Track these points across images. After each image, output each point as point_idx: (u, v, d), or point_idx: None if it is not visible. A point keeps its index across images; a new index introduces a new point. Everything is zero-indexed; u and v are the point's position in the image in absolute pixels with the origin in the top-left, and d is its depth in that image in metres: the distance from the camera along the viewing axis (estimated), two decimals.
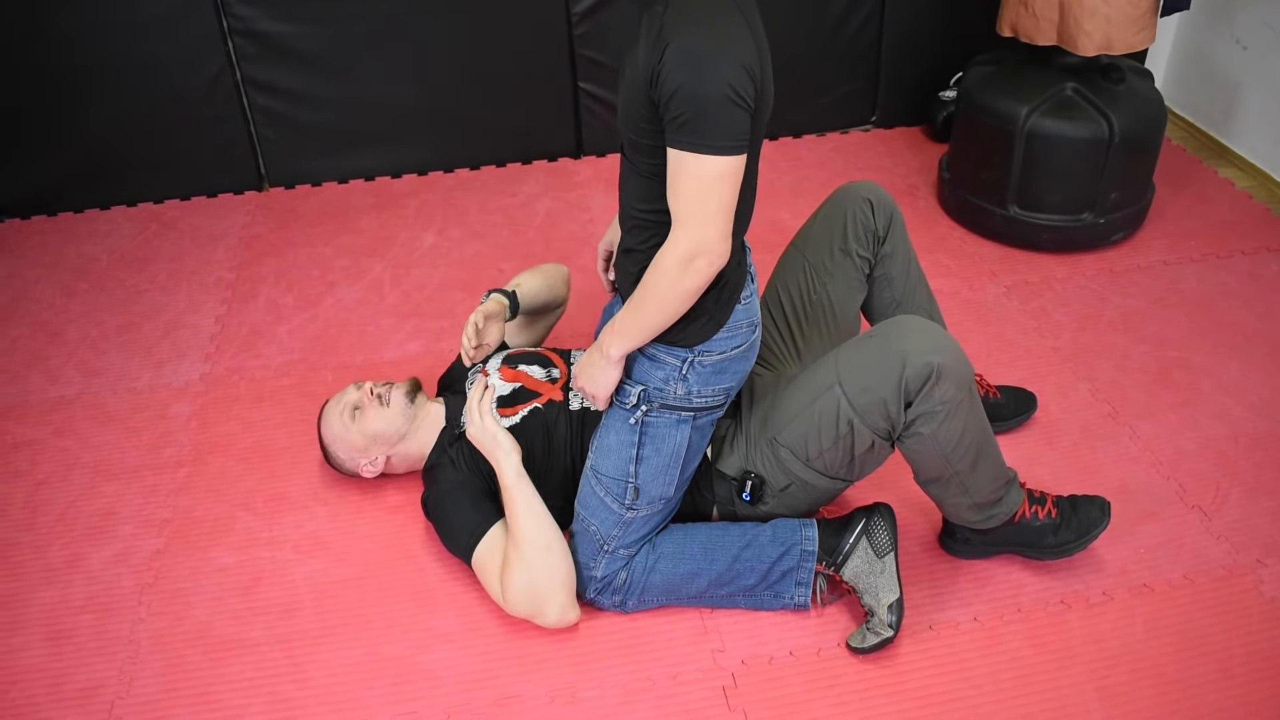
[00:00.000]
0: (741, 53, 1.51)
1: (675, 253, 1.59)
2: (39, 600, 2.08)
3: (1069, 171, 2.86)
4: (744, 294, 1.82)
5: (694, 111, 1.49)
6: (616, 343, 1.76)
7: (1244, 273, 2.90)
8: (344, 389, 2.24)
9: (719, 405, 1.89)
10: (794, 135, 3.69)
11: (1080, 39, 2.75)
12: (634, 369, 1.85)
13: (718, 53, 1.49)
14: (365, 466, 2.19)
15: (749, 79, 1.51)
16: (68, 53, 3.14)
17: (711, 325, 1.78)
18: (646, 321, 1.70)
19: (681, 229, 1.58)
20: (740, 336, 1.83)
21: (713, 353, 1.81)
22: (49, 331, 2.85)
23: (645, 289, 1.67)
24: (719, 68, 1.48)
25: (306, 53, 3.26)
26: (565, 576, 1.90)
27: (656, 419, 1.85)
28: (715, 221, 1.56)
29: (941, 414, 1.77)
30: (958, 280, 2.90)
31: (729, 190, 1.56)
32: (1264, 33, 3.26)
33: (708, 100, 1.49)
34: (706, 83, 1.48)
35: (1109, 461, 2.30)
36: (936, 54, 3.59)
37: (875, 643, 1.86)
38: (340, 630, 1.99)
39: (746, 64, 1.50)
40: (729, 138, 1.52)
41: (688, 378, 1.81)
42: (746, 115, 1.53)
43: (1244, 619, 1.95)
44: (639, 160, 1.66)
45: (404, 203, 3.38)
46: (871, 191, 2.10)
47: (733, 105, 1.50)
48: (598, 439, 1.94)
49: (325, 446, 2.22)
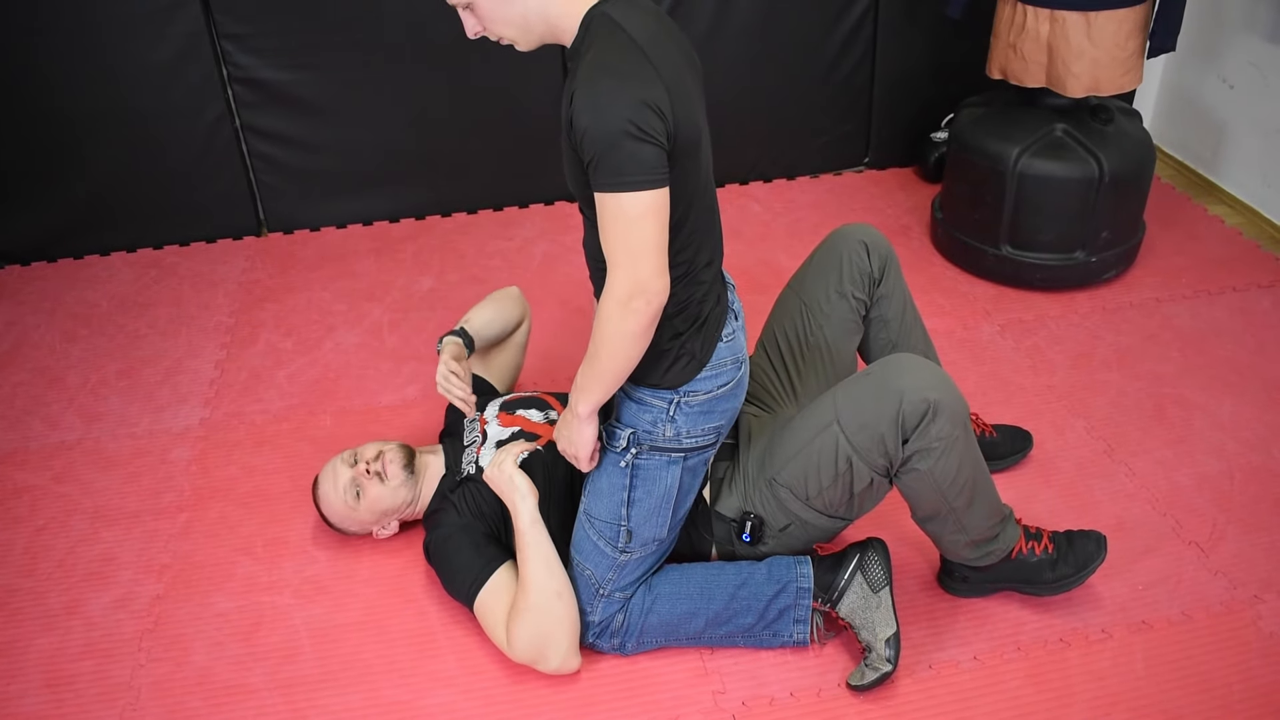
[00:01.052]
0: (642, 90, 1.51)
1: (614, 295, 1.59)
2: (38, 647, 2.08)
3: (1060, 211, 2.89)
4: (725, 331, 1.83)
5: (601, 151, 1.51)
6: (582, 399, 1.75)
7: (1235, 309, 2.92)
8: (331, 463, 2.19)
9: (710, 445, 1.89)
10: (788, 177, 3.72)
11: (1069, 81, 2.80)
12: (622, 413, 1.86)
13: (616, 92, 1.50)
14: (378, 531, 2.22)
15: (654, 114, 1.51)
16: (68, 98, 3.18)
17: (694, 365, 1.79)
18: (603, 370, 1.69)
19: (616, 270, 1.57)
20: (726, 374, 1.84)
21: (699, 393, 1.82)
22: (49, 377, 2.86)
23: (595, 339, 1.67)
24: (618, 107, 1.49)
25: (305, 99, 3.30)
26: (572, 624, 1.90)
27: (647, 461, 1.86)
28: (646, 258, 1.55)
29: (938, 450, 1.79)
30: (952, 319, 2.92)
31: (654, 225, 1.55)
32: (1250, 72, 3.31)
33: (611, 139, 1.50)
34: (608, 122, 1.49)
35: (1105, 498, 2.31)
36: (928, 96, 3.63)
37: (874, 678, 1.86)
38: (340, 675, 1.99)
39: (649, 100, 1.51)
40: (641, 172, 1.51)
41: (675, 419, 1.82)
42: (656, 149, 1.52)
43: (1243, 655, 1.95)
44: (588, 213, 1.68)
45: (402, 247, 3.41)
46: (866, 234, 2.13)
47: (639, 141, 1.50)
48: (590, 483, 1.94)
49: (333, 524, 2.21)
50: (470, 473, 2.09)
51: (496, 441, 2.10)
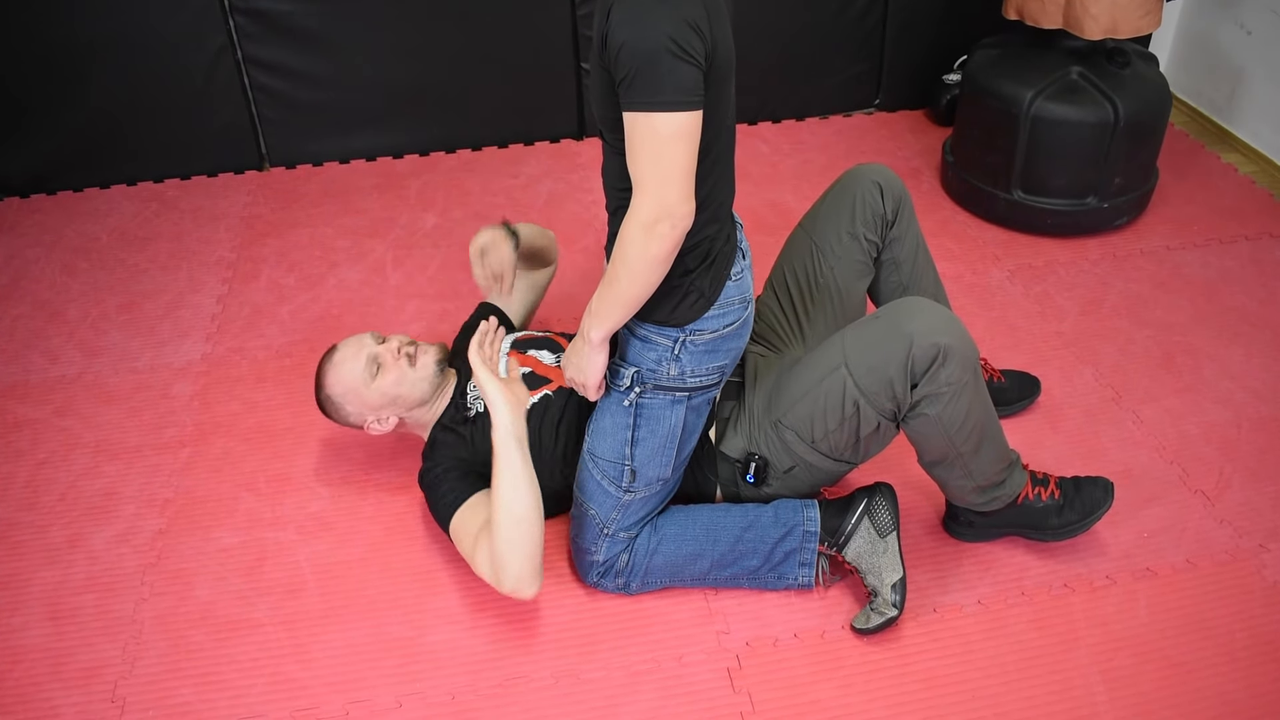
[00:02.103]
0: (685, 8, 1.47)
1: (638, 218, 1.55)
2: (41, 580, 2.08)
3: (1073, 156, 2.85)
4: (734, 270, 1.80)
5: (638, 68, 1.47)
6: (595, 324, 1.72)
7: (1246, 258, 2.89)
8: (358, 335, 2.12)
9: (714, 384, 1.88)
10: (797, 118, 3.67)
11: (1086, 22, 2.74)
12: (627, 351, 1.84)
13: (658, 8, 1.47)
14: (373, 424, 2.10)
15: (694, 33, 1.48)
16: (68, 30, 3.12)
17: (702, 303, 1.77)
18: (621, 295, 1.66)
19: (642, 193, 1.54)
20: (733, 313, 1.82)
21: (705, 331, 1.80)
22: (49, 311, 2.84)
23: (615, 262, 1.64)
24: (659, 22, 1.46)
25: (308, 32, 3.24)
26: (529, 549, 1.79)
27: (651, 400, 1.85)
28: (675, 182, 1.52)
29: (947, 395, 1.77)
30: (961, 264, 2.89)
31: (685, 148, 1.52)
32: (1269, 18, 3.25)
33: (651, 55, 1.46)
34: (648, 38, 1.46)
35: (1112, 445, 2.30)
36: (940, 37, 3.57)
37: (879, 623, 1.87)
38: (344, 611, 1.99)
39: (690, 19, 1.47)
40: (679, 93, 1.48)
41: (680, 358, 1.80)
42: (694, 70, 1.49)
43: (1247, 603, 1.95)
44: (612, 138, 1.64)
45: (406, 183, 3.37)
46: (881, 175, 2.09)
47: (677, 59, 1.47)
48: (593, 422, 1.93)
49: (330, 396, 2.08)
50: (479, 410, 2.06)
51: None
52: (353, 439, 2.37)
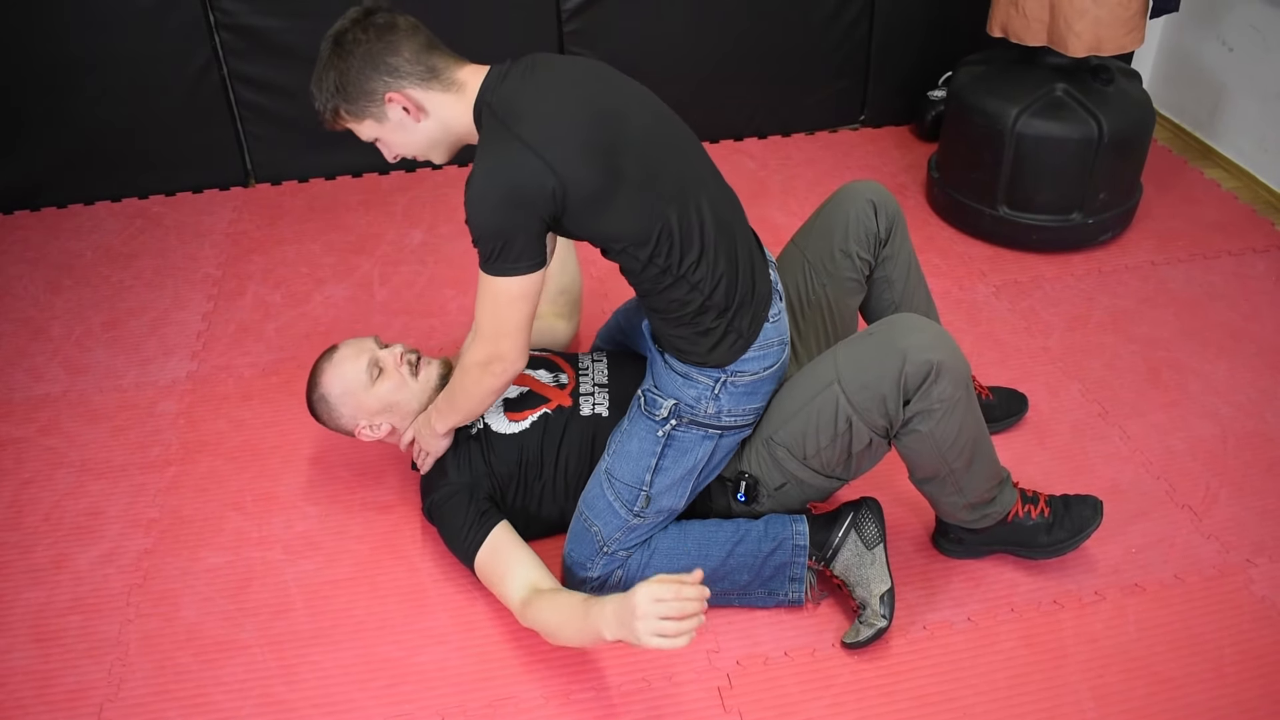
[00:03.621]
0: (515, 175, 1.62)
1: (475, 358, 1.79)
2: (25, 601, 2.06)
3: (1058, 172, 2.87)
4: (772, 311, 1.86)
5: (475, 238, 1.67)
6: (439, 420, 1.95)
7: (1230, 273, 2.91)
8: (357, 339, 2.12)
9: (746, 425, 1.91)
10: (783, 134, 3.69)
11: (1070, 40, 2.76)
12: (666, 384, 1.86)
13: (486, 185, 1.63)
14: (365, 429, 2.08)
15: (526, 204, 1.62)
16: (53, 45, 3.11)
17: (741, 344, 1.81)
18: (459, 408, 1.91)
19: (481, 339, 1.77)
20: (772, 355, 1.86)
21: (745, 373, 1.83)
22: (33, 328, 2.82)
23: (454, 382, 1.89)
24: (487, 199, 1.63)
25: (294, 47, 3.23)
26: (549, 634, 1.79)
27: (684, 434, 1.87)
28: (509, 336, 1.74)
29: (940, 412, 1.77)
30: (947, 280, 2.91)
31: (519, 309, 1.71)
32: (1250, 35, 3.28)
33: (481, 231, 1.65)
34: (477, 215, 1.64)
35: (1100, 461, 2.31)
36: (925, 53, 3.59)
37: (870, 635, 1.86)
38: (332, 631, 1.98)
39: (518, 184, 1.62)
40: (507, 261, 1.65)
41: (719, 397, 1.84)
42: (526, 236, 1.64)
43: (1235, 618, 1.96)
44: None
45: (392, 199, 3.36)
46: (875, 193, 2.09)
47: (499, 236, 1.64)
48: (618, 444, 1.92)
49: (326, 396, 2.06)
50: (480, 428, 2.05)
51: (504, 400, 2.07)
52: (340, 458, 2.35)
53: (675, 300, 1.78)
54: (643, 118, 1.75)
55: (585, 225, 1.70)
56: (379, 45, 1.70)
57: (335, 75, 1.73)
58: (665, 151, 1.75)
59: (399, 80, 1.71)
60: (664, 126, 1.78)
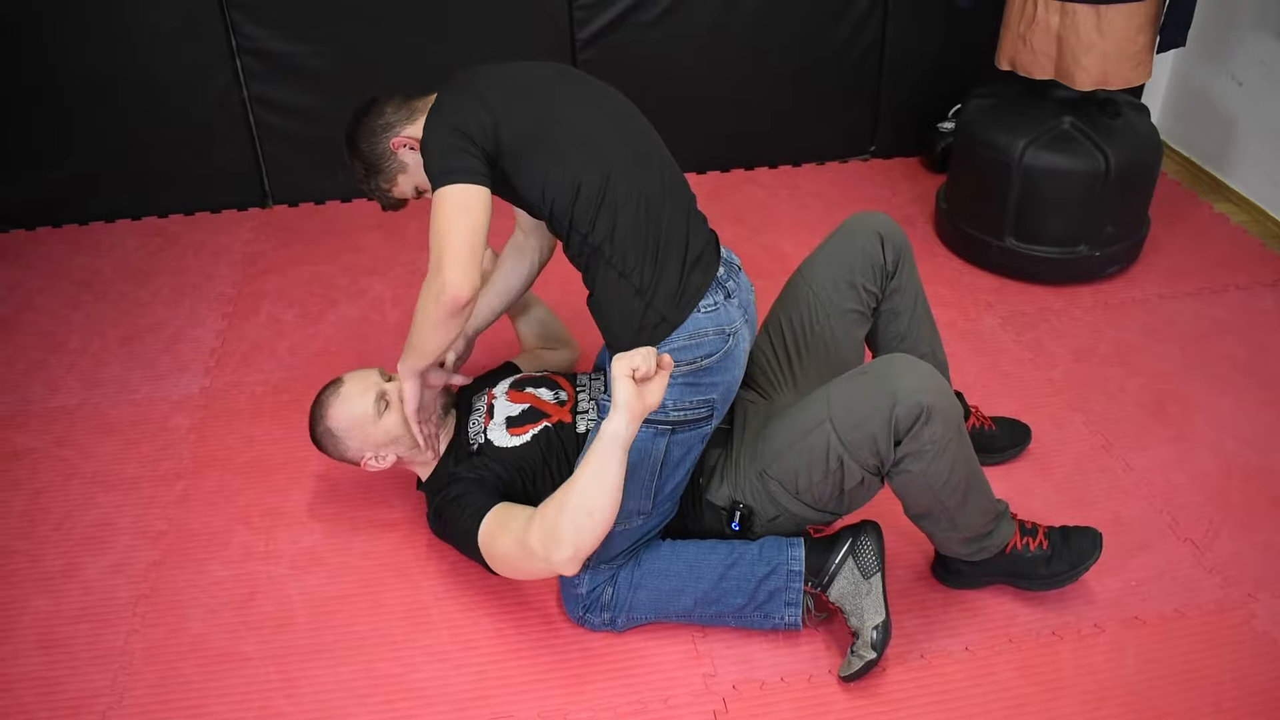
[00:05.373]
0: (458, 110, 1.86)
1: (426, 289, 1.85)
2: (34, 608, 2.09)
3: (1065, 204, 2.88)
4: (705, 302, 1.88)
5: (425, 166, 1.85)
6: (403, 362, 2.01)
7: (1238, 307, 2.92)
8: (362, 370, 2.14)
9: (702, 419, 1.90)
10: (793, 164, 3.72)
11: (1077, 74, 2.79)
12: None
13: (435, 121, 1.87)
14: (370, 461, 2.11)
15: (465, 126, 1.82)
16: (76, 64, 3.17)
17: (664, 327, 1.86)
18: (415, 344, 1.96)
19: (430, 269, 1.83)
20: (709, 345, 1.86)
21: (681, 363, 1.84)
22: (51, 341, 2.87)
23: (416, 315, 1.93)
24: (434, 131, 1.85)
25: (313, 72, 3.29)
26: (587, 540, 1.70)
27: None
28: (452, 254, 1.79)
29: (930, 453, 1.78)
30: (954, 310, 2.92)
31: (460, 221, 1.78)
32: (1259, 70, 3.30)
33: (429, 158, 1.84)
34: (426, 147, 1.86)
35: (1102, 494, 2.31)
36: (935, 86, 3.62)
37: (859, 667, 1.86)
38: (334, 646, 2.00)
39: (460, 115, 1.84)
40: (448, 173, 1.79)
41: None
42: (468, 158, 1.80)
43: (1235, 653, 1.95)
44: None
45: (406, 223, 3.40)
46: (883, 225, 2.10)
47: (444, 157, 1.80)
48: (581, 453, 1.94)
49: (332, 429, 2.08)
50: (481, 443, 2.08)
51: (506, 417, 2.09)
52: (346, 475, 2.38)
53: (603, 281, 1.89)
54: (591, 97, 1.95)
55: (518, 168, 1.86)
56: (368, 119, 2.01)
57: (359, 163, 2.03)
58: (604, 129, 1.91)
59: (393, 129, 1.99)
60: (613, 109, 1.95)
